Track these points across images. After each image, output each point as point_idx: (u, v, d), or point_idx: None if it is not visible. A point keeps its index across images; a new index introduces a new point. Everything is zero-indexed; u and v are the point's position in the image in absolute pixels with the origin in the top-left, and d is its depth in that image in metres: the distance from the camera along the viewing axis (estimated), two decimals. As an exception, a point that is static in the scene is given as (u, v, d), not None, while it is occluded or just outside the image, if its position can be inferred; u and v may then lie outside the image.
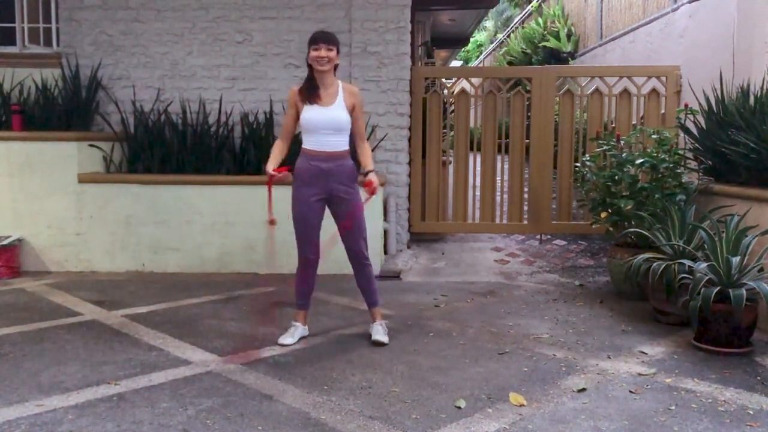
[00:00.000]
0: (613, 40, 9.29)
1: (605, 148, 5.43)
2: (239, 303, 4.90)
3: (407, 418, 2.95)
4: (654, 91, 6.44)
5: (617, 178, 5.10)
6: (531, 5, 14.35)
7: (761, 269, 3.88)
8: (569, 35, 11.51)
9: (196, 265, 5.88)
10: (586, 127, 6.52)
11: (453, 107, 6.85)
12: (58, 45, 6.67)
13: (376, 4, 6.25)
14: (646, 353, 3.80)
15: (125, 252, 5.92)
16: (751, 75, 5.16)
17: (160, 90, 6.44)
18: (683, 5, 6.72)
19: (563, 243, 6.92)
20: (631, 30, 8.52)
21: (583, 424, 2.89)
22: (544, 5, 13.33)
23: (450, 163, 6.83)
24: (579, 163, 6.01)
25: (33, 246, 5.90)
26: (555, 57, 11.50)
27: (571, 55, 11.35)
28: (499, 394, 3.21)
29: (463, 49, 20.55)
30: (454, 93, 6.85)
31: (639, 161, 5.04)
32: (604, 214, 5.16)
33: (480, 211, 6.71)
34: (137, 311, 4.65)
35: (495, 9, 17.62)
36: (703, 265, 3.90)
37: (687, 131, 5.32)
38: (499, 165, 6.71)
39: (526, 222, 6.68)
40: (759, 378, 3.43)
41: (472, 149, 6.83)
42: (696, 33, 6.38)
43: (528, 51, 12.47)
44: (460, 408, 3.05)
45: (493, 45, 19.90)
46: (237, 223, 5.84)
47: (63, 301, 4.91)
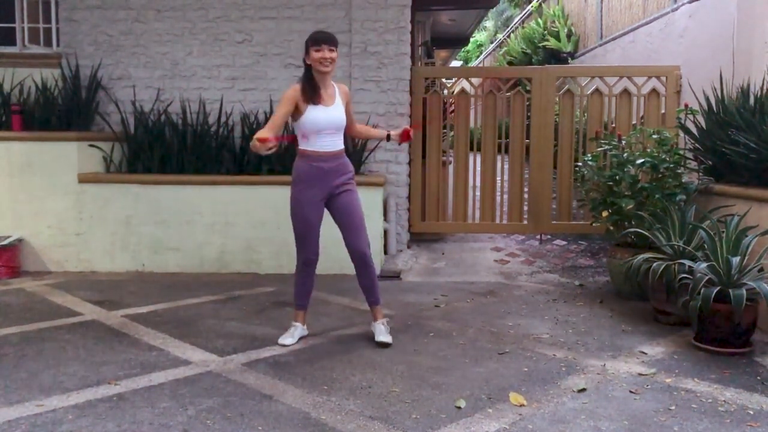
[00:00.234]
0: (613, 40, 9.29)
1: (606, 147, 5.43)
2: (239, 303, 4.90)
3: (407, 418, 2.95)
4: (654, 91, 6.44)
5: (618, 178, 5.10)
6: (531, 5, 14.36)
7: (761, 269, 3.88)
8: (569, 35, 11.51)
9: (196, 265, 5.89)
10: (586, 127, 6.52)
11: (453, 107, 6.85)
12: (58, 45, 6.67)
13: (376, 4, 6.25)
14: (646, 353, 3.80)
15: (125, 252, 5.92)
16: (751, 75, 5.16)
17: (160, 90, 6.44)
18: (683, 5, 6.72)
19: (563, 243, 6.92)
20: (631, 30, 8.52)
21: (583, 424, 2.90)
22: (544, 5, 13.33)
23: (450, 163, 6.83)
24: (580, 163, 6.01)
25: (33, 246, 5.90)
26: (555, 57, 11.50)
27: (571, 55, 11.35)
28: (499, 394, 3.21)
29: (463, 49, 20.56)
30: (454, 93, 6.85)
31: (639, 161, 5.04)
32: (604, 213, 5.16)
33: (480, 211, 6.71)
34: (137, 311, 4.66)
35: (495, 9, 17.63)
36: (703, 265, 3.90)
37: (687, 131, 5.32)
38: (499, 165, 6.71)
39: (526, 222, 6.68)
40: (759, 378, 3.43)
41: (472, 149, 6.83)
42: (696, 33, 6.38)
43: (528, 51, 12.47)
44: (460, 408, 3.05)
45: (493, 45, 19.91)
46: (237, 223, 5.85)
47: (63, 301, 4.91)
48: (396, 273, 5.75)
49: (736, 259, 3.82)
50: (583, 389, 3.26)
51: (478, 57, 23.75)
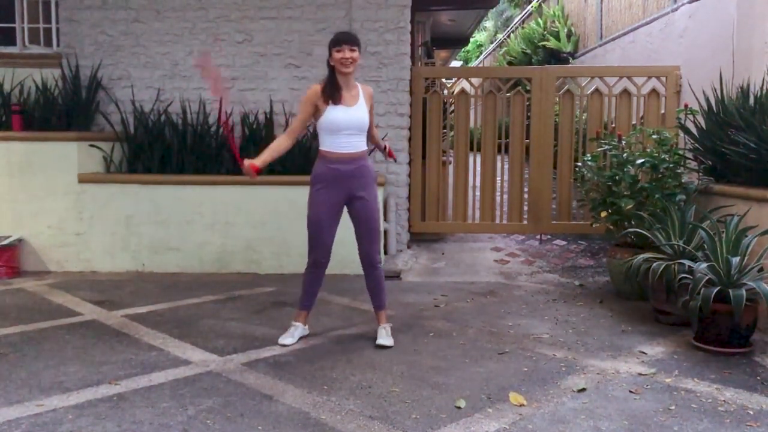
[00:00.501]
0: (613, 40, 9.29)
1: (606, 148, 5.44)
2: (239, 303, 4.90)
3: (407, 418, 2.95)
4: (654, 91, 6.44)
5: (618, 178, 5.10)
6: (531, 5, 14.36)
7: (761, 269, 3.88)
8: (569, 35, 11.51)
9: (196, 265, 5.89)
10: (586, 127, 6.53)
11: (453, 107, 6.86)
12: (58, 45, 6.68)
13: (376, 4, 6.25)
14: (646, 353, 3.80)
15: (125, 252, 5.92)
16: (751, 75, 5.16)
17: (160, 90, 6.44)
18: (683, 5, 6.72)
19: (563, 243, 6.92)
20: (631, 30, 8.52)
21: (583, 424, 2.90)
22: (544, 5, 13.32)
23: (450, 163, 6.83)
24: (580, 163, 6.01)
25: (33, 246, 5.91)
26: (555, 57, 11.50)
27: (571, 55, 11.35)
28: (499, 394, 3.21)
29: (463, 50, 20.56)
30: (454, 93, 6.85)
31: (639, 161, 5.05)
32: (604, 213, 5.16)
33: (480, 211, 6.71)
34: (137, 311, 4.66)
35: (495, 9, 17.62)
36: (703, 265, 3.90)
37: (687, 131, 5.32)
38: (499, 165, 6.71)
39: (526, 222, 6.68)
40: (759, 378, 3.43)
41: (472, 149, 6.83)
42: (696, 33, 6.38)
43: (528, 51, 12.47)
44: (460, 408, 3.05)
45: (493, 45, 19.90)
46: (237, 223, 5.85)
47: (63, 301, 4.91)
48: (396, 273, 5.75)
49: (736, 259, 3.82)
50: (583, 389, 3.26)
51: (478, 57, 23.75)
